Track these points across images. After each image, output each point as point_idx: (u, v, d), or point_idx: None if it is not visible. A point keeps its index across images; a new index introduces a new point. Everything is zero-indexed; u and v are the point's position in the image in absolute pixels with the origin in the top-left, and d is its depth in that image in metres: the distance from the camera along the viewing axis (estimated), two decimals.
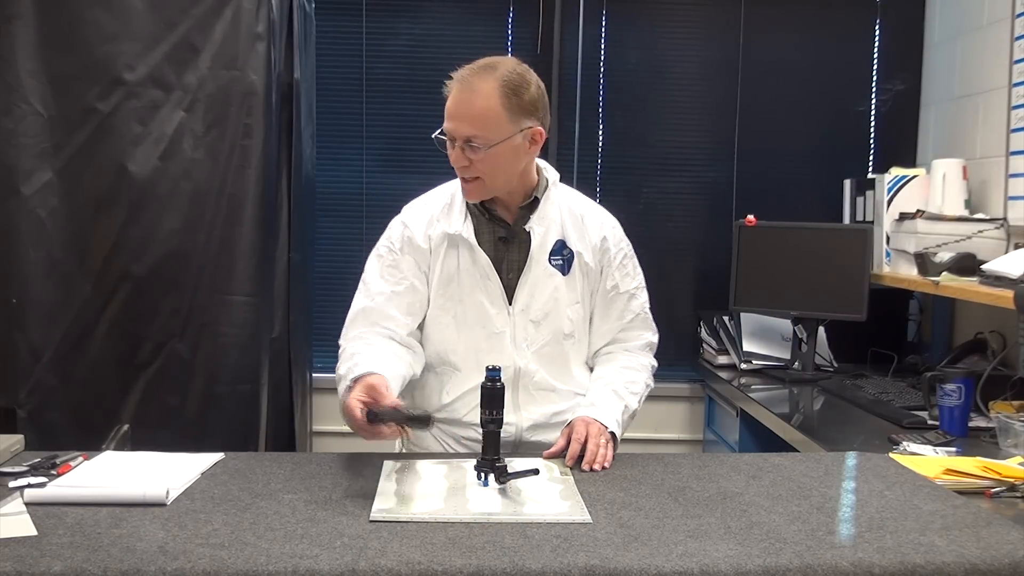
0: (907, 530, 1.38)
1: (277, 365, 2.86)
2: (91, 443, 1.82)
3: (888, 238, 2.94)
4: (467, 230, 1.89)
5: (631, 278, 2.00)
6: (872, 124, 3.46)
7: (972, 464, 1.74)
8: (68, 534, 1.32)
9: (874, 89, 3.45)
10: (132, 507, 1.44)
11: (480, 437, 1.88)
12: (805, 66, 3.44)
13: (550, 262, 1.91)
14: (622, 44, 3.42)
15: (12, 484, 1.54)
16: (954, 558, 1.28)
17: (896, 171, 3.00)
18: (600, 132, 3.44)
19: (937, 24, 3.32)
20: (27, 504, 1.44)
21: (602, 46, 3.42)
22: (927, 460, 1.83)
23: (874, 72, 3.45)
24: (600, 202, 1.97)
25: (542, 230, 1.90)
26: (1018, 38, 2.73)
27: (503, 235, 1.91)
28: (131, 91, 2.65)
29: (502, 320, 1.89)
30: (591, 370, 2.02)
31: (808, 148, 3.46)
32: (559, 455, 1.75)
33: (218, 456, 1.72)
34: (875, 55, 3.44)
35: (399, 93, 3.36)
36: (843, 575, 1.24)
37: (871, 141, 3.47)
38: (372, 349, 1.82)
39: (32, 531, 1.33)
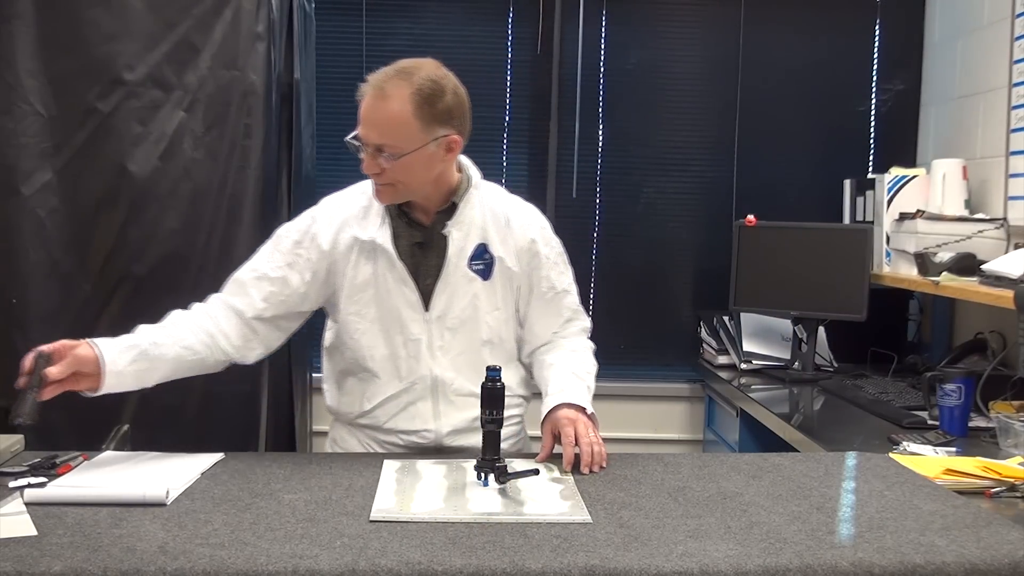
0: (907, 530, 1.38)
1: (277, 365, 2.86)
2: (91, 443, 1.81)
3: (888, 238, 2.94)
4: (383, 235, 1.84)
5: (565, 276, 1.98)
6: (872, 124, 3.46)
7: (972, 464, 1.74)
8: (68, 534, 1.32)
9: (874, 89, 3.45)
10: (132, 507, 1.44)
11: (404, 443, 1.89)
12: (805, 66, 3.44)
13: (470, 267, 1.87)
14: (622, 44, 3.42)
15: (12, 484, 1.54)
16: (954, 558, 1.28)
17: (896, 171, 3.00)
18: (600, 132, 3.44)
19: (937, 24, 3.32)
20: (27, 504, 1.44)
21: (602, 46, 3.42)
22: (927, 460, 1.83)
23: (874, 72, 3.45)
24: (600, 202, 1.96)
25: (460, 235, 1.85)
26: (1018, 38, 2.73)
27: (420, 240, 1.87)
28: (131, 91, 2.65)
29: (418, 327, 1.86)
30: (525, 367, 2.00)
31: (808, 148, 3.46)
32: (549, 456, 1.74)
33: (218, 456, 1.73)
34: (875, 55, 3.44)
35: None
36: (843, 575, 1.24)
37: (871, 141, 3.47)
38: (181, 324, 1.82)
39: (32, 531, 1.33)
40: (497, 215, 1.91)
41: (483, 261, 1.88)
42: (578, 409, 1.78)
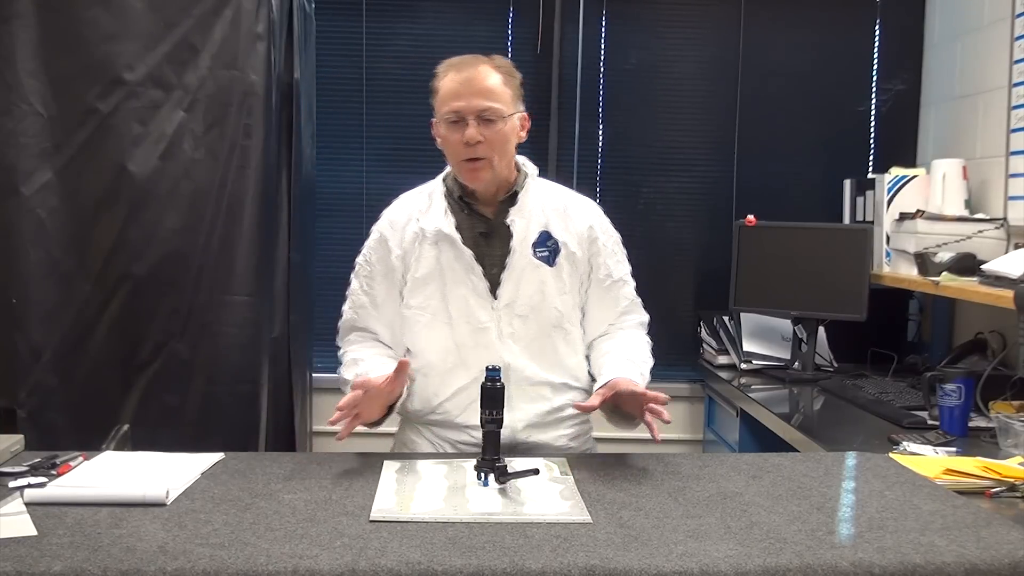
0: (907, 530, 1.38)
1: (277, 365, 2.86)
2: (91, 443, 1.81)
3: (888, 238, 2.94)
4: (448, 225, 1.87)
5: (622, 265, 2.01)
6: (872, 124, 3.46)
7: (972, 464, 1.74)
8: (68, 534, 1.32)
9: (874, 89, 3.45)
10: (132, 507, 1.44)
11: (477, 440, 1.85)
12: (805, 66, 3.44)
13: (534, 254, 1.89)
14: (622, 44, 3.42)
15: (12, 484, 1.54)
16: (954, 558, 1.28)
17: (896, 171, 3.00)
18: (600, 132, 3.44)
19: (937, 24, 3.32)
20: (27, 504, 1.44)
21: (602, 46, 3.42)
22: (927, 460, 1.83)
23: (874, 72, 3.45)
24: (600, 202, 1.95)
25: (523, 223, 1.89)
26: (1018, 38, 2.73)
27: (483, 230, 1.90)
28: (131, 91, 2.65)
29: (487, 314, 1.87)
30: (587, 358, 2.00)
31: (808, 148, 3.46)
32: (589, 410, 1.77)
33: (218, 456, 1.73)
34: (875, 55, 3.44)
35: (399, 93, 3.36)
36: (843, 575, 1.24)
37: (871, 141, 3.47)
38: (372, 352, 1.92)
39: (32, 531, 1.33)
40: (556, 204, 1.95)
41: (547, 248, 1.91)
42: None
